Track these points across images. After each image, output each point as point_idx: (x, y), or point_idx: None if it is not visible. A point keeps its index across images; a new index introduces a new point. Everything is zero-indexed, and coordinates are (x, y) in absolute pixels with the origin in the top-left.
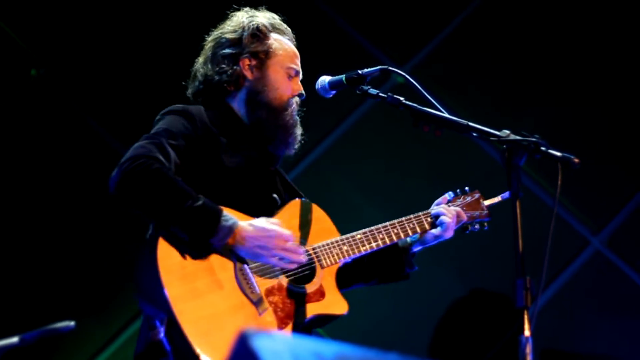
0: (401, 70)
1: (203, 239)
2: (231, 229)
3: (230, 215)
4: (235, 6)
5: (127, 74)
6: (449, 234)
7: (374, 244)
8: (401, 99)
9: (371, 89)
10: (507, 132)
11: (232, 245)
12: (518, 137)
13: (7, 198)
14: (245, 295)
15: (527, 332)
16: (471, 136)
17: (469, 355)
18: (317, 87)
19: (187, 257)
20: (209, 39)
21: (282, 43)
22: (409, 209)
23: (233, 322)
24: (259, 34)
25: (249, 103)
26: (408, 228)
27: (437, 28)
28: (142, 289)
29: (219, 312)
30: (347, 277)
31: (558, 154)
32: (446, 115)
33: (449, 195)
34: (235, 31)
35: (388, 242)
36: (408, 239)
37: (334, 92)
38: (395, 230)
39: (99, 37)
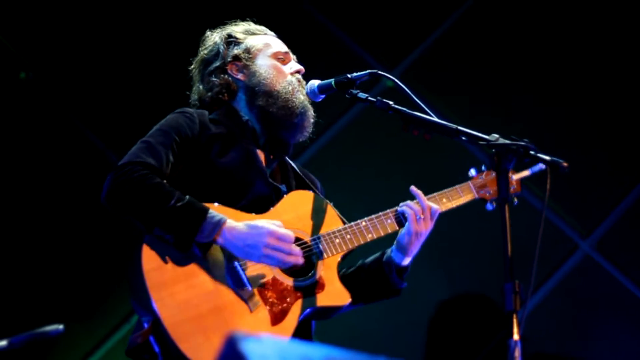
0: (390, 74)
1: (187, 238)
2: (217, 225)
3: (217, 213)
4: (209, 30)
5: (116, 77)
6: (415, 227)
7: (380, 229)
8: (390, 102)
9: (360, 93)
10: (496, 136)
11: (220, 242)
12: (507, 141)
13: None
14: (236, 293)
15: (516, 336)
16: (460, 140)
17: (458, 359)
18: (306, 90)
19: (173, 260)
20: (192, 67)
21: (259, 38)
22: None
23: (219, 321)
24: (232, 40)
25: (249, 99)
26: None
27: (426, 32)
28: (132, 292)
29: (204, 313)
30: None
31: (547, 157)
32: (435, 119)
33: (471, 172)
34: (211, 49)
35: (397, 227)
36: (388, 251)
37: (323, 96)
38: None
39: (89, 40)
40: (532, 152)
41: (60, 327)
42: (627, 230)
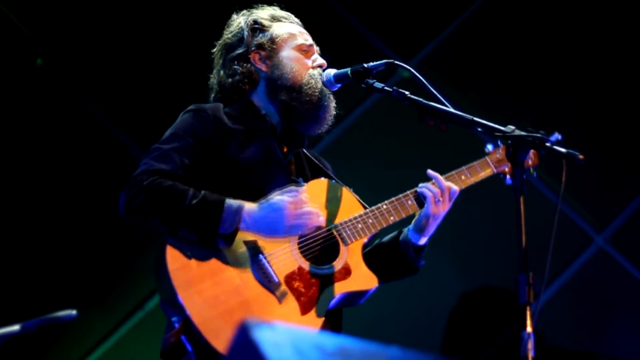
0: (407, 65)
1: (211, 233)
2: (237, 213)
3: (234, 201)
4: (235, 12)
5: (134, 64)
6: (433, 209)
7: (402, 211)
8: (406, 93)
9: (376, 83)
10: (512, 127)
11: (243, 228)
12: (523, 133)
13: (11, 188)
14: (263, 285)
15: (529, 328)
16: (476, 131)
17: (471, 350)
18: (322, 79)
19: (197, 257)
20: (215, 50)
21: (284, 26)
22: None
23: (248, 315)
24: (258, 27)
25: (271, 92)
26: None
27: (444, 22)
28: (161, 294)
29: (233, 307)
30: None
31: (563, 150)
32: (451, 109)
33: (488, 147)
34: (236, 34)
35: (418, 208)
36: (405, 230)
37: (339, 85)
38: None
39: (106, 26)
40: (547, 145)
41: (73, 312)
42: None
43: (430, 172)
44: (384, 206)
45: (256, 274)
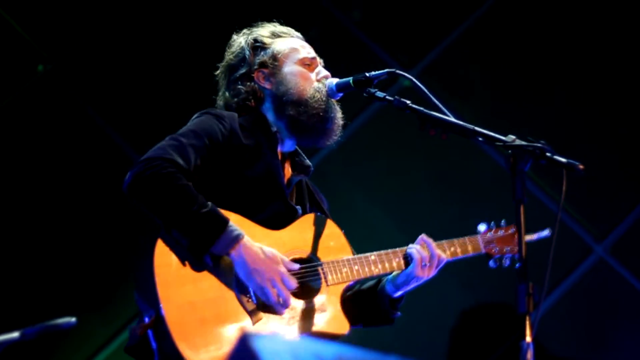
0: (409, 74)
1: (203, 246)
2: (234, 240)
3: (236, 227)
4: (235, 32)
5: (136, 71)
6: (418, 272)
7: (387, 266)
8: (408, 102)
9: (378, 92)
10: (513, 137)
11: (233, 257)
12: (523, 143)
13: (11, 195)
14: (241, 304)
15: (528, 338)
16: (477, 140)
17: None
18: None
19: (185, 260)
20: (218, 72)
21: (285, 42)
22: (414, 213)
23: (219, 329)
24: (259, 45)
25: (277, 108)
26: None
27: (445, 32)
28: (138, 284)
29: (208, 318)
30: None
31: (563, 160)
32: (452, 119)
33: (481, 227)
34: (237, 54)
35: (404, 265)
36: (384, 280)
37: (341, 94)
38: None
39: (108, 32)
40: (548, 154)
41: (73, 319)
42: None
43: (424, 237)
44: (372, 257)
45: (237, 292)
